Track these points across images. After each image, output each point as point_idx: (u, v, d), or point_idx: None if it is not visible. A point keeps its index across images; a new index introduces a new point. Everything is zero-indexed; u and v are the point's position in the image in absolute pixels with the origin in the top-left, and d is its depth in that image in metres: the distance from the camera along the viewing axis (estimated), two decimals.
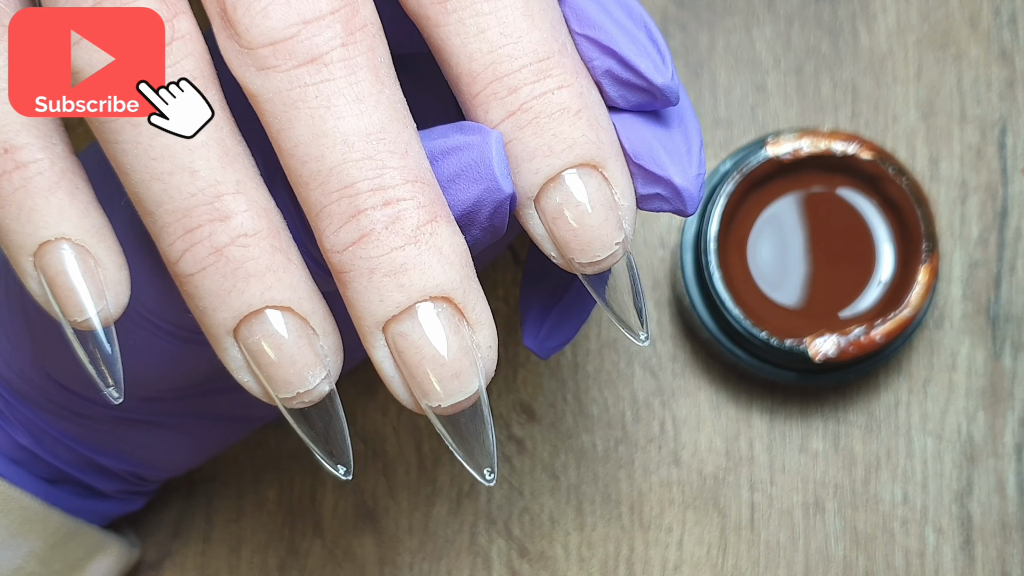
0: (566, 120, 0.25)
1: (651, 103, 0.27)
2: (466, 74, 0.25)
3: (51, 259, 0.25)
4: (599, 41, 0.26)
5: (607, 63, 0.26)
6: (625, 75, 0.26)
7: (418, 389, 0.25)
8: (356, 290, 0.24)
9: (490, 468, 0.26)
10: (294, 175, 0.24)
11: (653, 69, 0.26)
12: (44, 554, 0.38)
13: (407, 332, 0.24)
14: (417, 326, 0.24)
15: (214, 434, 0.40)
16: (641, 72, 0.26)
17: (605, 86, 0.26)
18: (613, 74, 0.26)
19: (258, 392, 0.26)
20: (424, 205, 0.24)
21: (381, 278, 0.24)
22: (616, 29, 0.26)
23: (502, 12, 0.25)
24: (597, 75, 0.26)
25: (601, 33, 0.26)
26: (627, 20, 0.26)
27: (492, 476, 0.26)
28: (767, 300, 0.43)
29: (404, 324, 0.24)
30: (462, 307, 0.25)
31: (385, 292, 0.24)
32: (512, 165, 0.25)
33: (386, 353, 0.25)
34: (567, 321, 0.33)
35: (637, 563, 0.45)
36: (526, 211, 0.26)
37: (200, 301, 0.25)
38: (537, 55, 0.25)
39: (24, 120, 0.25)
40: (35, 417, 0.37)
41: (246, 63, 0.24)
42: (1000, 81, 0.46)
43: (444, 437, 0.26)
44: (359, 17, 0.24)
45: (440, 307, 0.24)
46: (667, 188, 0.27)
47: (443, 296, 0.24)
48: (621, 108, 0.27)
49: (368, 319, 0.25)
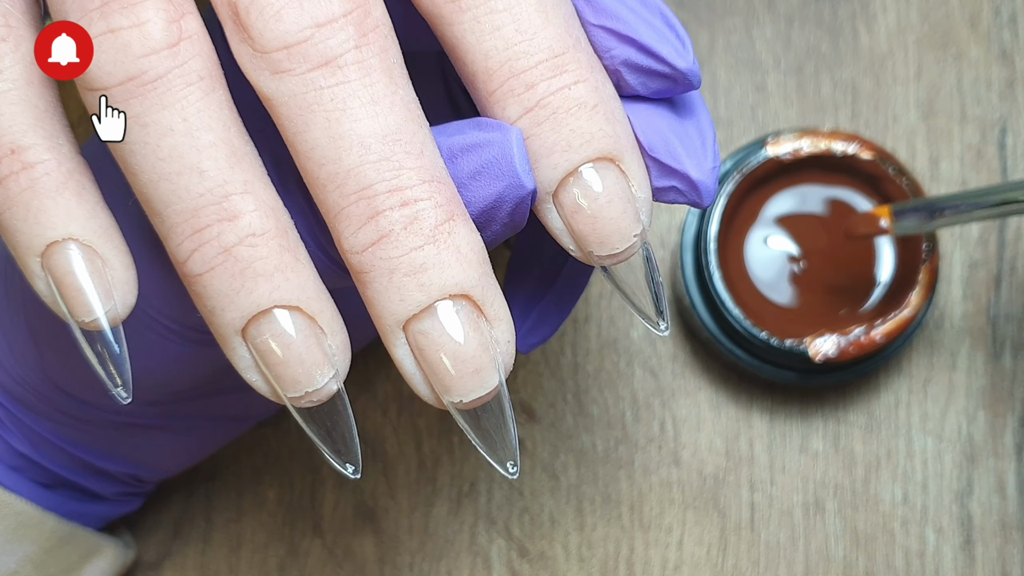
0: (583, 115, 0.25)
1: (672, 89, 0.27)
2: (482, 71, 0.25)
3: (58, 260, 0.25)
4: (617, 31, 0.26)
5: (626, 52, 0.26)
6: (646, 62, 0.26)
7: (439, 386, 0.25)
8: (376, 290, 0.24)
9: (513, 461, 0.26)
10: (311, 177, 0.24)
11: (675, 53, 0.26)
12: (39, 558, 0.38)
13: (428, 330, 0.25)
14: (437, 324, 0.25)
15: (214, 434, 0.40)
16: (663, 57, 0.26)
17: (625, 75, 0.27)
18: (632, 62, 0.26)
19: (266, 392, 0.26)
20: (441, 204, 0.24)
21: (401, 278, 0.24)
22: (633, 17, 0.26)
23: (516, 9, 0.25)
24: (615, 64, 0.27)
25: (619, 23, 0.26)
26: (642, 8, 0.27)
27: (515, 469, 0.26)
28: (767, 300, 0.43)
29: (424, 323, 0.25)
30: (480, 303, 0.25)
31: (405, 292, 0.24)
32: (531, 161, 0.26)
33: (407, 351, 0.25)
34: (549, 319, 0.33)
35: (637, 563, 0.45)
36: (544, 206, 0.26)
37: (209, 301, 0.25)
38: (552, 51, 0.25)
39: (31, 121, 0.25)
40: (34, 424, 0.37)
41: (260, 67, 0.24)
42: (1000, 81, 0.46)
43: (466, 432, 0.26)
44: (371, 19, 0.24)
45: (459, 304, 0.25)
46: (683, 181, 0.27)
47: (462, 294, 0.25)
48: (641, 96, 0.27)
49: (389, 318, 0.25)
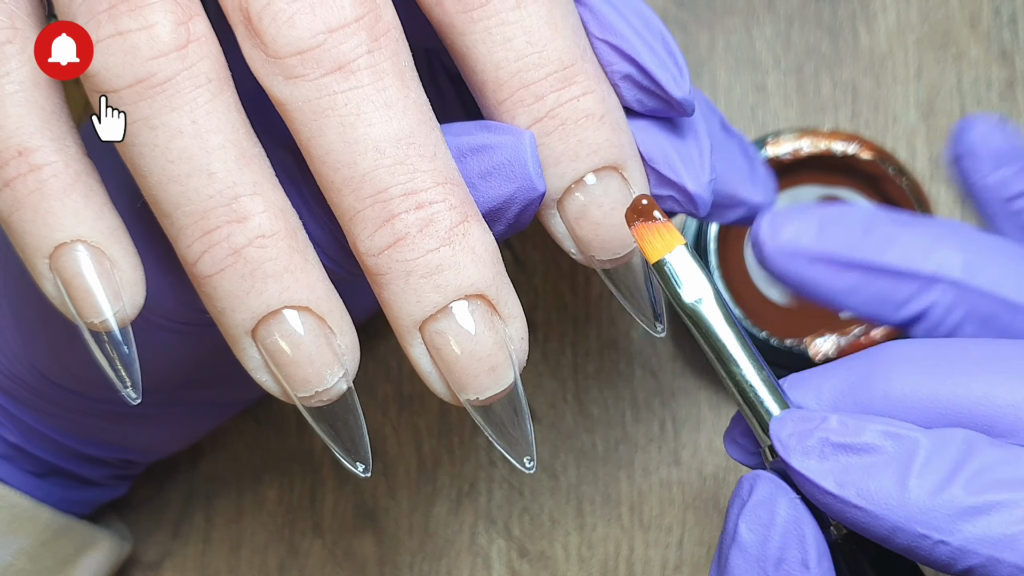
0: (591, 126, 0.26)
1: (666, 111, 0.28)
2: (492, 81, 0.26)
3: (67, 261, 0.25)
4: (620, 48, 0.27)
5: (626, 68, 0.27)
6: (644, 83, 0.27)
7: (456, 383, 0.26)
8: (393, 292, 0.25)
9: (529, 456, 0.27)
10: (325, 181, 0.24)
11: (672, 82, 0.27)
12: (34, 551, 0.38)
13: (444, 330, 0.25)
14: (454, 324, 0.25)
15: (206, 419, 0.41)
16: (661, 84, 0.27)
17: (623, 90, 0.27)
18: (632, 79, 0.27)
19: (276, 391, 0.26)
20: (455, 206, 0.25)
21: (418, 280, 0.25)
22: (637, 38, 0.27)
23: (527, 21, 0.25)
24: (616, 80, 0.27)
25: (622, 40, 0.27)
26: (644, 29, 0.27)
27: (532, 464, 0.27)
28: (767, 300, 0.44)
29: (441, 323, 0.25)
30: (495, 303, 0.25)
31: (422, 293, 0.25)
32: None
33: (423, 351, 0.26)
34: None
35: (637, 563, 0.45)
36: (548, 211, 0.27)
37: (219, 302, 0.25)
38: (562, 63, 0.26)
39: (38, 123, 0.25)
40: (24, 415, 0.37)
41: (273, 72, 0.24)
42: (1000, 81, 0.46)
43: (483, 429, 0.27)
44: (383, 23, 0.24)
45: (474, 304, 0.25)
46: (680, 193, 0.28)
47: (477, 294, 0.25)
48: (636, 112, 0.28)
49: (405, 320, 0.25)
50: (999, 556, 0.23)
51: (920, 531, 0.24)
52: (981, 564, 0.23)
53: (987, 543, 0.23)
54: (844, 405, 0.26)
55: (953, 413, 0.25)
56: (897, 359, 0.26)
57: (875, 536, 0.24)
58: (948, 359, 0.26)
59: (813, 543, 0.25)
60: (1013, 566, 0.23)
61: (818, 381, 0.27)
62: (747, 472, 0.27)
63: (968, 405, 0.25)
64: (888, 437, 0.24)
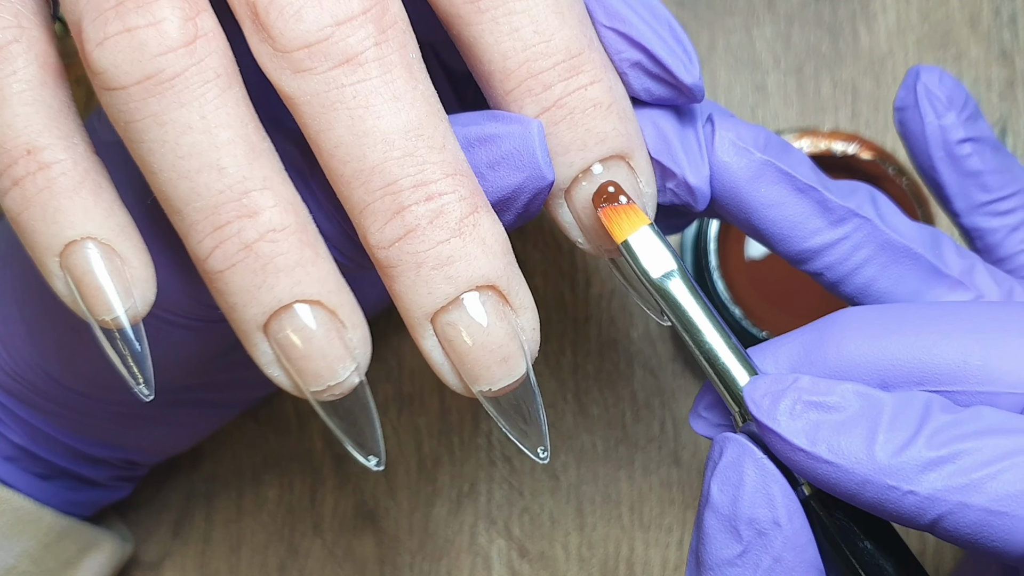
0: (598, 115, 0.26)
1: (675, 99, 0.27)
2: (499, 71, 0.26)
3: (77, 259, 0.25)
4: (628, 35, 0.27)
5: (635, 56, 0.27)
6: (654, 71, 0.27)
7: (468, 375, 0.26)
8: (404, 284, 0.25)
9: (543, 446, 0.27)
10: (335, 174, 0.24)
11: (683, 68, 0.27)
12: (37, 553, 0.38)
13: (456, 321, 0.25)
14: (465, 315, 0.25)
15: (210, 420, 0.41)
16: (671, 70, 0.27)
17: (631, 78, 0.27)
18: (641, 66, 0.27)
19: (288, 386, 0.26)
20: (465, 198, 0.25)
21: (429, 271, 0.25)
22: (644, 25, 0.27)
23: (534, 10, 0.25)
24: (624, 68, 0.27)
25: (630, 28, 0.27)
26: (651, 17, 0.27)
27: (546, 454, 0.27)
28: (767, 300, 0.44)
29: (452, 314, 0.25)
30: (506, 293, 0.25)
31: (433, 285, 0.25)
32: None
33: (435, 343, 0.26)
34: None
35: (637, 563, 0.45)
36: (555, 200, 0.27)
37: (230, 297, 0.25)
38: (569, 52, 0.26)
39: (46, 121, 0.25)
40: (30, 417, 0.37)
41: (281, 66, 0.24)
42: (1000, 81, 0.46)
43: (496, 420, 0.27)
44: (390, 15, 0.24)
45: (485, 295, 0.25)
46: (680, 184, 0.28)
47: (488, 284, 0.25)
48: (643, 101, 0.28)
49: (417, 311, 0.25)
50: (967, 501, 0.24)
51: (889, 483, 0.24)
52: (949, 511, 0.24)
53: (954, 490, 0.24)
54: (801, 368, 0.27)
55: (903, 368, 0.26)
56: (848, 323, 0.27)
57: (844, 492, 0.25)
58: (895, 320, 0.27)
59: (782, 501, 0.26)
60: (981, 509, 0.24)
61: (775, 348, 0.27)
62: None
63: (916, 360, 0.26)
64: (857, 396, 0.25)
